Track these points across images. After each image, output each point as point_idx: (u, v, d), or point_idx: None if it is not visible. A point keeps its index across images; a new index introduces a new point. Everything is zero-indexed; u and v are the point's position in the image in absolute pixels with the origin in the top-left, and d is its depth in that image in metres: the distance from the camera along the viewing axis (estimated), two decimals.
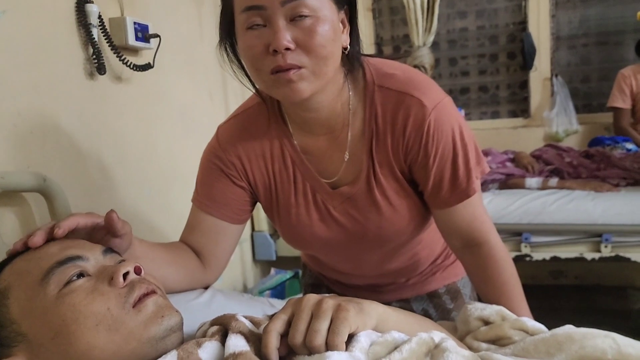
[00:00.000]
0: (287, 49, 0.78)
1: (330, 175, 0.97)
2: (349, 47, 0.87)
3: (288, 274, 2.46)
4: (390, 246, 1.05)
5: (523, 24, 3.33)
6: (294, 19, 0.78)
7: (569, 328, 0.74)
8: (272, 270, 2.58)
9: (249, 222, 2.65)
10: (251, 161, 0.99)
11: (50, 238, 0.72)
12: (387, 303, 0.75)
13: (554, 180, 2.57)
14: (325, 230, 1.00)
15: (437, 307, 1.21)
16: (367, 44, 0.89)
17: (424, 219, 1.03)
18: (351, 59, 0.89)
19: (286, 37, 0.77)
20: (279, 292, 2.37)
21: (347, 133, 0.94)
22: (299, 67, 0.80)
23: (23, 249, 0.71)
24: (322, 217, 1.00)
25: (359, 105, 0.93)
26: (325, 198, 0.99)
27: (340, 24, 0.84)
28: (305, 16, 0.77)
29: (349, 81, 0.93)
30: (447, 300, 1.21)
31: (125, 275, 0.66)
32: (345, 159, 0.95)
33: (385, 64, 0.94)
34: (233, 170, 0.99)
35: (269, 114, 0.98)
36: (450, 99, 0.93)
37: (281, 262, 2.64)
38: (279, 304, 1.04)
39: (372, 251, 1.06)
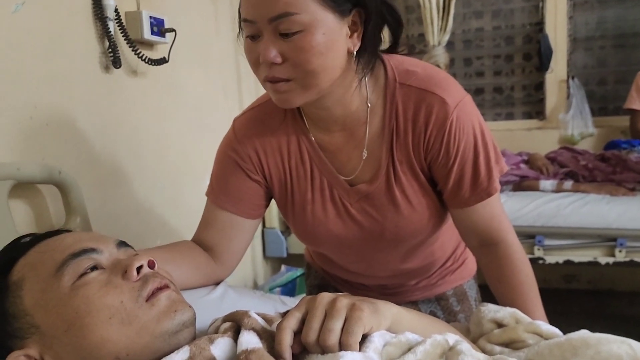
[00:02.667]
0: (274, 62, 0.79)
1: (348, 173, 0.97)
2: (358, 49, 0.84)
3: (299, 271, 2.46)
4: (407, 246, 1.04)
5: (540, 24, 3.30)
6: (282, 34, 0.78)
7: (584, 333, 0.73)
8: (283, 267, 2.58)
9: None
10: (267, 155, 0.98)
11: None
12: None
13: (568, 183, 2.54)
14: (341, 228, 1.00)
15: (444, 309, 1.21)
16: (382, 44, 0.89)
17: (442, 218, 1.02)
18: (364, 60, 0.87)
19: (272, 53, 0.78)
20: (289, 289, 2.37)
21: (365, 130, 0.93)
22: (287, 80, 0.81)
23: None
24: (339, 214, 0.99)
25: (378, 103, 0.92)
26: (343, 195, 0.98)
27: (347, 30, 0.82)
28: (294, 32, 0.77)
29: (368, 79, 0.92)
30: (454, 302, 1.20)
31: (138, 269, 0.66)
32: (364, 157, 0.95)
33: (405, 61, 0.93)
34: (249, 164, 0.99)
35: (285, 109, 0.97)
36: (470, 97, 0.92)
37: (292, 259, 2.64)
38: (290, 301, 1.04)
39: (388, 251, 1.05)
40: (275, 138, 0.98)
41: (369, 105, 0.92)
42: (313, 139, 0.96)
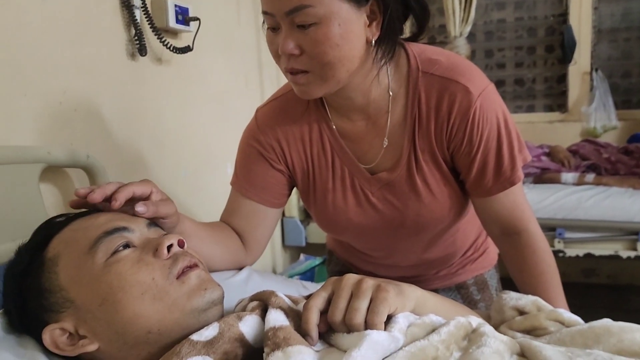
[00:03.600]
0: (292, 54, 0.80)
1: (369, 161, 0.97)
2: (377, 38, 0.84)
3: (317, 260, 2.47)
4: (428, 235, 1.04)
5: (563, 16, 3.26)
6: (299, 26, 0.78)
7: (606, 321, 0.72)
8: (302, 256, 2.59)
9: None
10: (290, 144, 0.99)
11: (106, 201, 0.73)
12: None
13: (590, 176, 2.52)
14: (362, 216, 1.00)
15: (464, 298, 1.21)
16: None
17: (463, 208, 1.02)
18: (383, 49, 0.86)
19: (289, 45, 0.80)
20: (308, 277, 2.39)
21: (387, 119, 0.94)
22: (305, 72, 0.82)
23: (84, 197, 0.73)
24: (359, 203, 1.00)
25: (401, 91, 0.93)
26: (364, 183, 0.98)
27: (365, 19, 0.82)
28: (310, 24, 0.78)
29: (390, 67, 0.92)
30: (474, 291, 1.21)
31: (169, 247, 0.68)
32: (384, 145, 0.95)
33: (428, 49, 0.93)
34: (272, 154, 1.00)
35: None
36: (493, 86, 0.91)
37: (311, 249, 2.65)
38: (311, 286, 1.05)
39: (409, 240, 1.05)
40: (298, 127, 0.99)
41: (391, 93, 0.92)
42: (334, 127, 0.97)
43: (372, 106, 0.93)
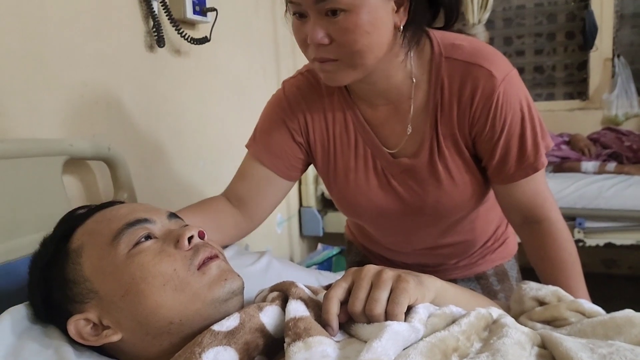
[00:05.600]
0: (322, 44, 0.80)
1: (391, 146, 0.97)
2: (404, 25, 0.84)
3: (335, 250, 2.48)
4: (447, 222, 1.04)
5: (584, 1, 3.19)
6: (328, 14, 0.78)
7: (628, 312, 0.72)
8: (319, 246, 2.60)
9: (296, 198, 2.67)
10: (314, 120, 1.00)
11: None
12: None
13: (611, 165, 2.48)
14: (382, 198, 1.00)
15: (484, 289, 1.20)
16: None
17: (483, 195, 1.01)
18: (410, 34, 0.86)
19: (319, 34, 0.79)
20: (325, 267, 2.39)
21: (410, 105, 0.93)
22: (334, 60, 0.82)
23: None
24: (381, 185, 1.00)
25: (423, 77, 0.92)
26: (385, 166, 0.98)
27: (393, 5, 0.81)
28: (338, 12, 0.77)
29: (413, 53, 0.91)
30: (494, 281, 1.20)
31: (190, 239, 0.68)
32: (408, 133, 0.95)
33: (450, 35, 0.93)
34: (295, 124, 1.01)
35: None
36: (516, 71, 0.91)
37: (328, 238, 2.66)
38: (329, 275, 1.06)
39: (428, 227, 1.05)
40: (322, 105, 1.00)
41: (414, 80, 0.92)
42: (358, 111, 0.97)
43: (394, 92, 0.93)
